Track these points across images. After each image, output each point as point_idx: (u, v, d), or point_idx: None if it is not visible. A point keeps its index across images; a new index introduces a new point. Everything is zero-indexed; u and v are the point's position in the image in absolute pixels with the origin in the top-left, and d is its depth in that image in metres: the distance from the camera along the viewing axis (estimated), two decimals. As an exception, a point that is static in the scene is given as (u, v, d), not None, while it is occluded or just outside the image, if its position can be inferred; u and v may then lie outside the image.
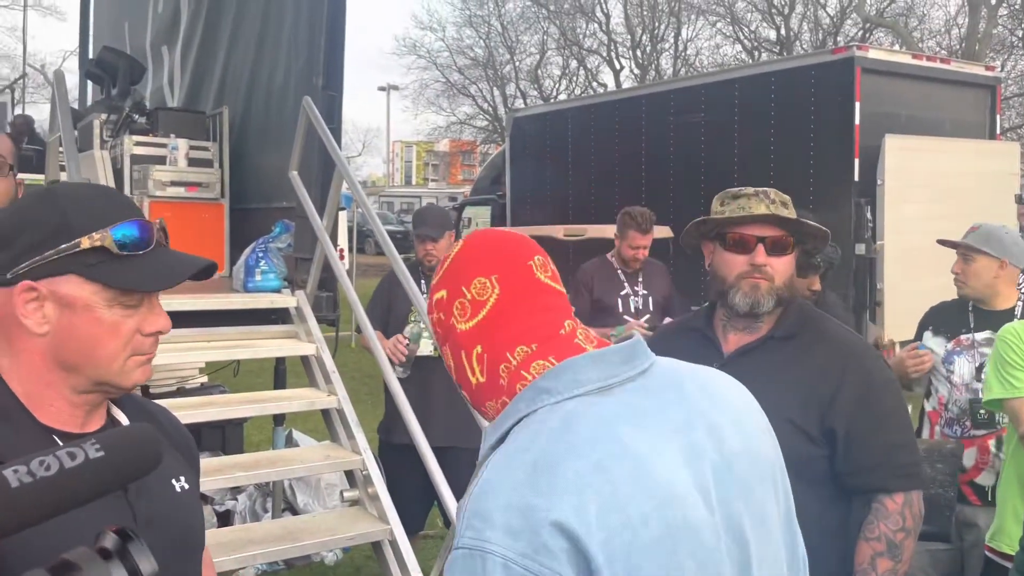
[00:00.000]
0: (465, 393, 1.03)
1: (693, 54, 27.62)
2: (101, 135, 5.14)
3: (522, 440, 0.90)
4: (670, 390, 0.97)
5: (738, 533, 0.93)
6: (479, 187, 12.85)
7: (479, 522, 0.83)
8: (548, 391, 0.93)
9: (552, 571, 0.80)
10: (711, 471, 0.93)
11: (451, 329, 1.02)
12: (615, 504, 0.84)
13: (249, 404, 3.48)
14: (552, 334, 0.98)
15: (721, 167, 7.33)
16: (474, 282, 1.01)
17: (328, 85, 3.92)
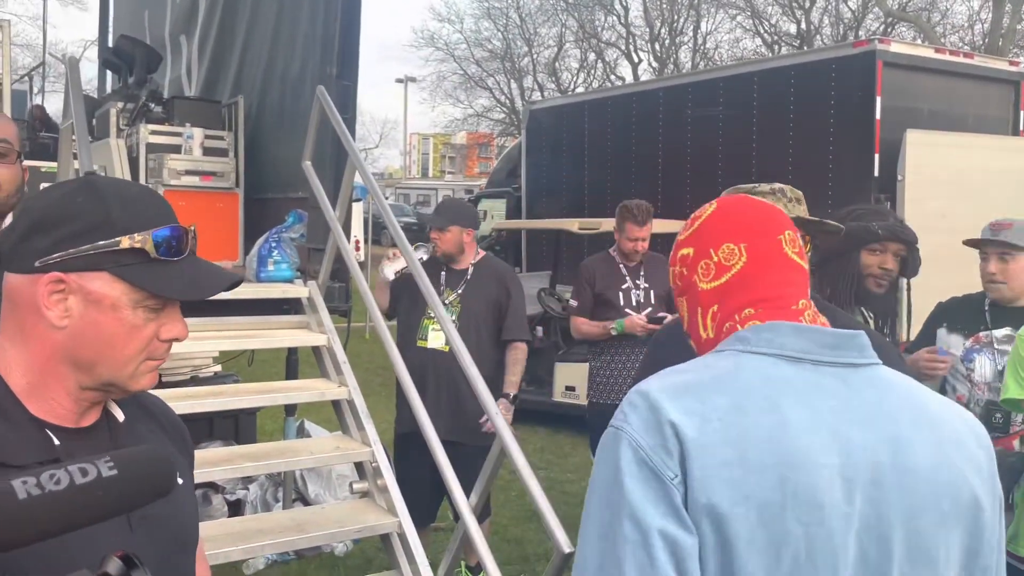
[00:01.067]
0: (693, 343, 1.11)
1: (712, 48, 27.44)
2: (117, 123, 5.15)
3: (695, 364, 1.02)
4: (870, 389, 0.99)
5: (883, 540, 0.93)
6: (495, 180, 12.82)
7: (629, 409, 0.95)
8: (743, 340, 1.01)
9: (666, 466, 0.91)
10: (871, 470, 0.94)
11: (692, 285, 1.09)
12: (735, 442, 0.91)
13: (260, 394, 3.48)
14: (784, 305, 1.04)
15: (739, 161, 7.25)
16: (723, 247, 1.07)
17: (343, 75, 3.90)
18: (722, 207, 1.10)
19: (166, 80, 6.49)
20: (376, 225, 15.23)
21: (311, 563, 4.22)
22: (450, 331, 2.82)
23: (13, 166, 1.65)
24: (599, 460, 0.96)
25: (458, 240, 3.73)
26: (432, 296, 2.95)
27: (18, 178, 1.67)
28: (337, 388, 3.34)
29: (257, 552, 2.93)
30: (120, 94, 5.50)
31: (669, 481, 0.90)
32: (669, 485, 0.90)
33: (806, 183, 7.21)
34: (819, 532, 0.90)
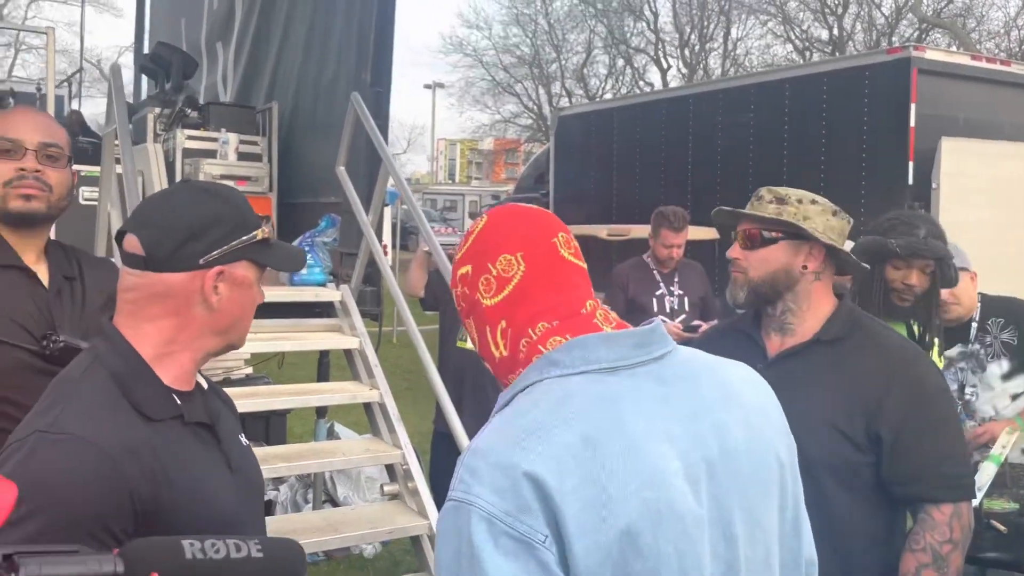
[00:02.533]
0: (489, 366, 1.07)
1: (743, 54, 27.30)
2: (154, 129, 5.25)
3: (522, 406, 0.94)
4: (682, 380, 0.98)
5: (727, 530, 0.93)
6: (522, 185, 12.84)
7: (469, 477, 0.87)
8: (556, 364, 0.96)
9: (532, 529, 0.83)
10: (706, 464, 0.93)
11: (476, 304, 1.05)
12: (596, 478, 0.85)
13: (292, 396, 3.52)
14: (573, 312, 1.01)
15: (770, 169, 7.21)
16: (499, 259, 1.03)
17: (376, 81, 3.95)
18: (492, 219, 1.07)
19: (202, 86, 6.60)
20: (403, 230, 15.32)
21: (340, 564, 4.26)
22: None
23: (64, 170, 1.70)
24: (444, 539, 0.86)
25: None
26: None
27: (69, 181, 1.72)
28: (369, 391, 3.37)
29: (289, 551, 2.96)
30: (157, 100, 5.61)
31: (540, 544, 0.82)
32: (540, 548, 0.82)
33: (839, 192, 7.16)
34: (684, 544, 0.88)
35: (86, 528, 1.01)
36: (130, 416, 1.13)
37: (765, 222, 1.71)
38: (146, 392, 1.17)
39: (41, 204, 1.65)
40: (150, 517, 1.07)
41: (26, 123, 1.66)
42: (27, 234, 1.67)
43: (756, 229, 1.72)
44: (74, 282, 1.72)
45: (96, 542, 1.01)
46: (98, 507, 1.03)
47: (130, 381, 1.16)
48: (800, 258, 1.71)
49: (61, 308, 1.66)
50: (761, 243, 1.71)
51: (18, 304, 1.61)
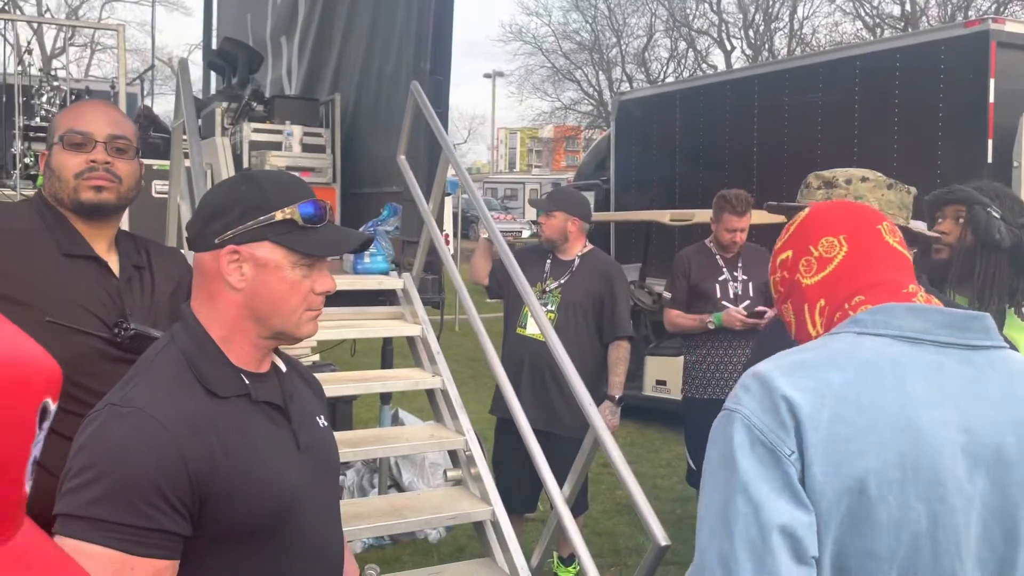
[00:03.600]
0: None
1: (809, 33, 26.50)
2: (222, 123, 5.38)
3: (810, 344, 1.01)
4: (994, 371, 0.97)
5: (1009, 523, 0.91)
6: (583, 172, 12.75)
7: (742, 392, 0.96)
8: (857, 322, 1.00)
9: (782, 442, 0.90)
10: (996, 449, 0.92)
11: (796, 284, 1.09)
12: (850, 419, 0.89)
13: (356, 382, 3.57)
14: (895, 289, 1.03)
15: (839, 151, 6.99)
16: (821, 241, 1.08)
17: (435, 70, 3.96)
18: (815, 209, 1.12)
19: (268, 80, 6.73)
20: (465, 220, 15.40)
21: (406, 548, 4.32)
22: (540, 318, 2.81)
23: (132, 161, 1.75)
24: (712, 443, 0.96)
25: (562, 227, 3.70)
26: (522, 283, 2.96)
27: (137, 173, 1.76)
28: (431, 377, 3.40)
29: (356, 535, 3.01)
30: (224, 94, 5.74)
31: (786, 457, 0.90)
32: (785, 461, 0.89)
33: (913, 172, 6.93)
34: (941, 508, 0.89)
35: (143, 495, 1.08)
36: (196, 392, 1.19)
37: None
38: (213, 370, 1.22)
39: (111, 195, 1.70)
40: (206, 488, 1.13)
41: (95, 116, 1.70)
42: (98, 224, 1.72)
43: None
44: (143, 271, 1.77)
45: (152, 508, 1.09)
46: (154, 476, 1.09)
47: (198, 360, 1.22)
48: None
49: (131, 296, 1.71)
50: None
51: (91, 293, 1.67)
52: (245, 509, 1.17)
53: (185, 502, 1.12)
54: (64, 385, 1.65)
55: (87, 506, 1.06)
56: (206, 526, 1.14)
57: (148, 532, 1.08)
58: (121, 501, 1.06)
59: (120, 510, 1.06)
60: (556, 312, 3.64)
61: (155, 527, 1.08)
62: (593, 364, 3.64)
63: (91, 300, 1.66)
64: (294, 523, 1.23)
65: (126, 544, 1.06)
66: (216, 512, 1.14)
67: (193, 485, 1.12)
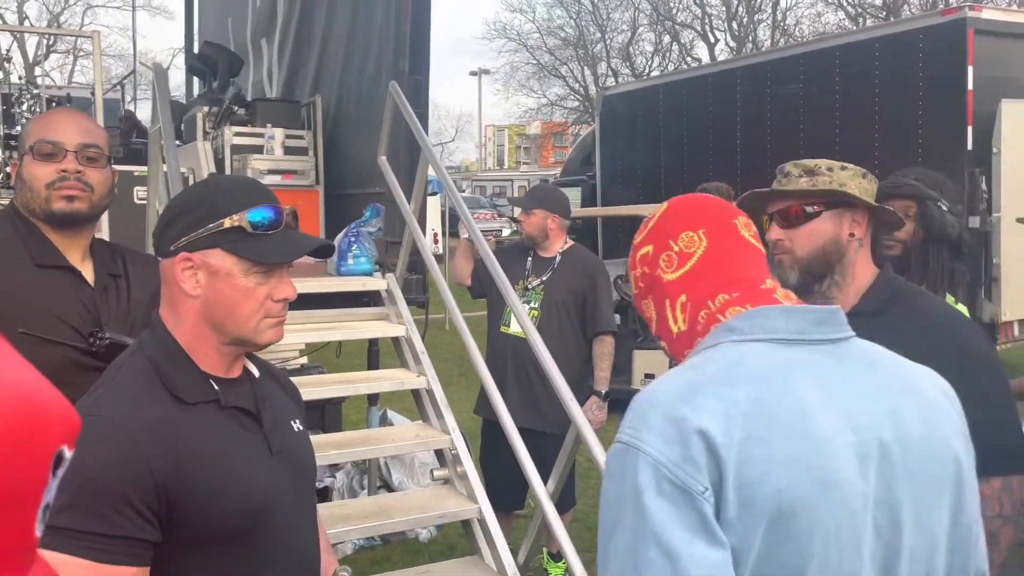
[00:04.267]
0: (664, 344, 1.09)
1: (792, 24, 26.58)
2: (204, 127, 5.36)
3: (695, 362, 0.98)
4: (861, 363, 0.98)
5: (894, 514, 0.93)
6: (569, 168, 12.77)
7: (639, 423, 0.90)
8: (734, 330, 0.98)
9: (694, 480, 0.86)
10: (879, 445, 0.93)
11: (657, 280, 1.08)
12: (761, 437, 0.87)
13: (340, 384, 3.58)
14: (753, 286, 1.03)
15: (821, 140, 7.03)
16: (681, 235, 1.07)
17: (414, 69, 3.95)
18: (673, 203, 1.11)
19: (249, 83, 6.70)
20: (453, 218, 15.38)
21: (396, 548, 4.33)
22: (521, 316, 2.82)
23: (104, 170, 1.74)
24: (611, 477, 0.91)
25: (542, 224, 3.72)
26: (503, 281, 2.96)
27: (109, 181, 1.76)
28: (416, 377, 3.41)
29: (342, 537, 3.02)
30: (205, 98, 5.72)
31: (699, 495, 0.85)
32: (699, 499, 0.85)
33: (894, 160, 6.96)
34: (843, 514, 0.89)
35: (109, 502, 1.09)
36: (163, 399, 1.20)
37: (807, 195, 1.64)
38: (180, 377, 1.23)
39: (83, 204, 1.69)
40: (173, 494, 1.14)
41: (65, 125, 1.70)
42: (71, 234, 1.72)
43: (797, 205, 1.64)
44: (119, 279, 1.77)
45: (118, 515, 1.09)
46: (120, 483, 1.10)
47: (165, 366, 1.23)
48: (845, 227, 1.65)
49: (107, 305, 1.71)
50: (805, 218, 1.64)
51: (65, 303, 1.67)
52: (215, 514, 1.17)
53: (152, 508, 1.12)
54: None
55: (53, 515, 1.06)
56: (176, 532, 1.15)
57: (115, 540, 1.09)
58: (87, 509, 1.07)
59: (86, 518, 1.07)
60: (539, 309, 3.66)
61: (122, 534, 1.09)
62: (578, 360, 3.66)
63: (65, 310, 1.66)
64: (267, 527, 1.24)
65: (94, 552, 1.07)
66: (186, 518, 1.15)
67: (160, 491, 1.13)
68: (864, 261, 1.69)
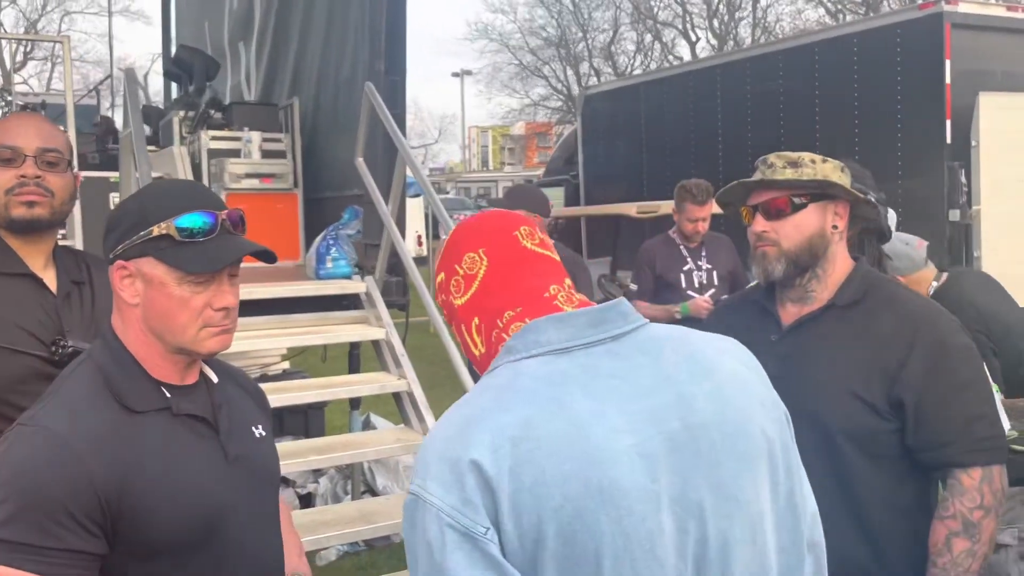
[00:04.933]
0: (476, 367, 1.07)
1: (773, 21, 26.72)
2: (180, 131, 5.31)
3: (470, 395, 0.96)
4: (643, 355, 0.96)
5: (693, 506, 0.90)
6: (552, 168, 12.76)
7: (422, 470, 0.89)
8: (510, 350, 0.97)
9: (474, 523, 0.84)
10: (666, 439, 0.91)
11: (452, 306, 1.07)
12: (531, 459, 0.86)
13: (320, 389, 3.55)
14: (536, 297, 1.01)
15: (802, 136, 7.04)
16: (464, 258, 1.06)
17: (390, 70, 3.93)
18: (459, 227, 1.10)
19: (227, 87, 6.65)
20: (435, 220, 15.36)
21: (381, 553, 4.29)
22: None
23: (65, 174, 1.71)
24: (408, 529, 0.90)
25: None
26: None
27: (71, 186, 1.72)
28: (397, 380, 3.38)
29: (324, 543, 2.99)
30: (182, 103, 5.67)
31: (481, 536, 0.84)
32: (482, 540, 0.84)
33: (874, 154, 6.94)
34: (629, 522, 0.86)
35: (49, 515, 1.07)
36: (110, 408, 1.17)
37: (796, 186, 1.61)
38: (130, 385, 1.20)
39: (44, 210, 1.65)
40: (117, 505, 1.12)
41: (24, 130, 1.66)
42: (32, 240, 1.68)
43: (783, 197, 1.62)
44: (83, 286, 1.73)
45: (59, 527, 1.07)
46: (60, 495, 1.08)
47: (115, 375, 1.21)
48: (829, 219, 1.64)
49: (70, 313, 1.67)
50: (792, 210, 1.62)
51: (27, 311, 1.63)
52: (165, 524, 1.15)
53: (96, 520, 1.10)
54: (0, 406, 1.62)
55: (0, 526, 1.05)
56: (124, 543, 1.13)
57: (57, 552, 1.07)
58: (28, 522, 1.06)
59: (28, 531, 1.06)
60: None
61: (63, 547, 1.07)
62: None
63: (26, 319, 1.62)
64: (223, 535, 1.21)
65: (38, 565, 1.06)
66: (134, 528, 1.13)
67: (103, 503, 1.11)
68: (843, 253, 1.68)
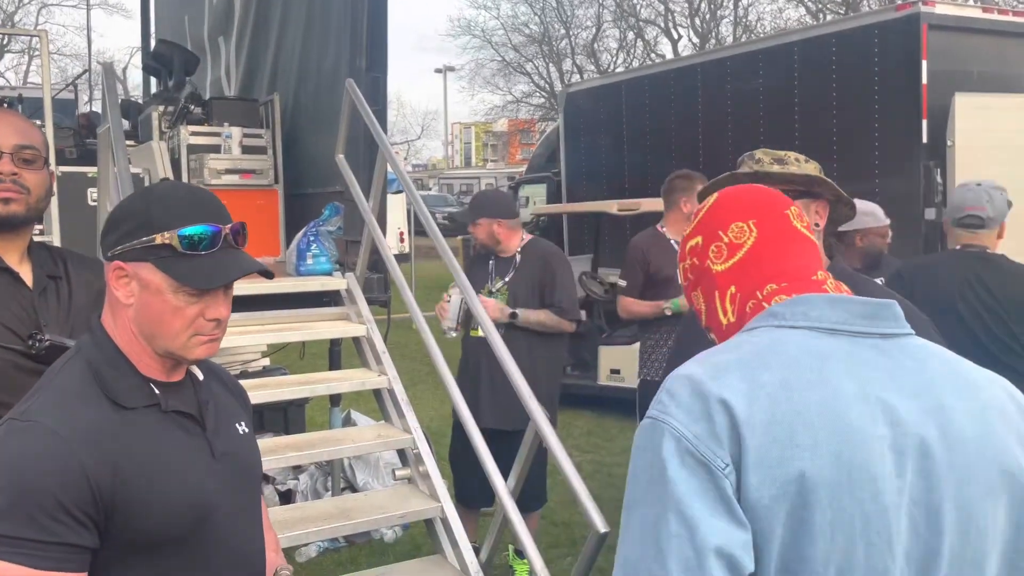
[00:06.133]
0: (714, 336, 1.08)
1: (754, 20, 26.83)
2: (160, 126, 5.27)
3: (730, 344, 0.97)
4: (910, 359, 0.96)
5: (934, 515, 0.90)
6: (534, 165, 12.79)
7: (667, 398, 0.91)
8: (775, 315, 0.98)
9: (715, 455, 0.86)
10: (920, 442, 0.90)
11: (706, 271, 1.08)
12: (786, 419, 0.87)
13: (300, 385, 3.54)
14: (805, 276, 1.02)
15: (781, 135, 7.10)
16: (731, 226, 1.06)
17: (372, 67, 3.93)
18: (723, 195, 1.11)
19: (207, 81, 6.60)
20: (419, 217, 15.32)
21: (362, 550, 4.29)
22: (481, 319, 2.83)
23: (41, 171, 1.70)
24: (637, 453, 0.91)
25: (489, 231, 3.73)
26: (463, 284, 2.97)
27: (46, 182, 1.72)
28: (377, 377, 3.38)
29: (302, 539, 2.99)
30: (161, 97, 5.62)
31: (720, 471, 0.85)
32: (719, 475, 0.85)
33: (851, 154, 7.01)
34: (873, 508, 0.87)
35: (43, 509, 1.08)
36: (100, 404, 1.18)
37: (789, 181, 1.61)
38: (119, 381, 1.22)
39: (20, 207, 1.65)
40: (110, 499, 1.13)
41: (1, 127, 1.65)
42: (8, 236, 1.67)
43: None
44: (59, 281, 1.73)
45: (53, 521, 1.08)
46: (54, 489, 1.09)
47: (104, 371, 1.22)
48: (812, 216, 1.66)
49: (46, 307, 1.67)
50: None
51: (3, 305, 1.62)
52: (155, 519, 1.17)
53: (89, 514, 1.11)
54: None
55: None
56: (115, 537, 1.14)
57: (51, 546, 1.08)
58: (22, 516, 1.07)
59: (22, 525, 1.06)
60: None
61: (57, 540, 1.08)
62: (545, 356, 3.65)
63: (3, 313, 1.61)
64: (209, 531, 1.23)
65: (31, 559, 1.06)
66: (125, 523, 1.14)
67: (96, 497, 1.12)
68: (821, 251, 1.71)
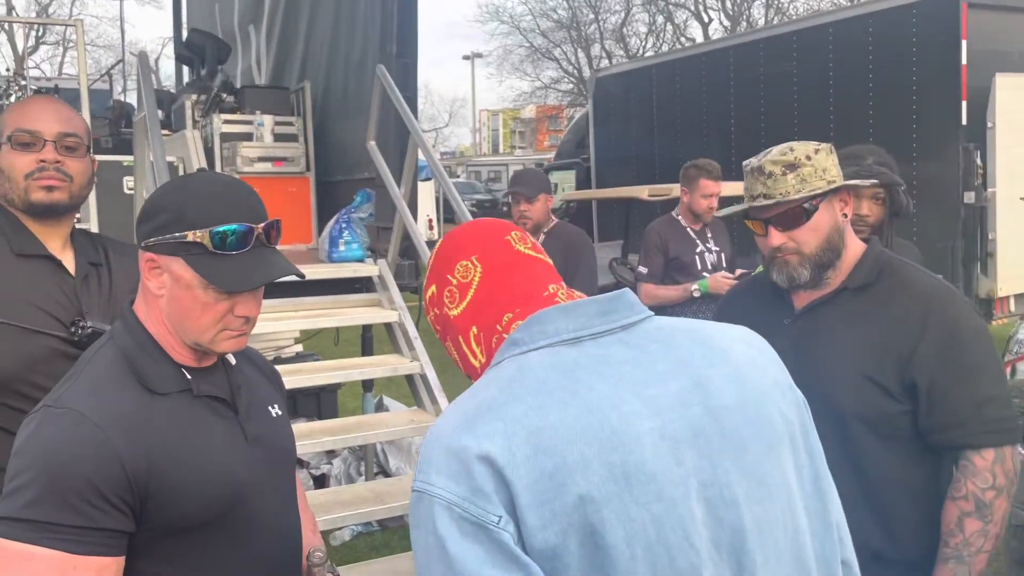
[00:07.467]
0: (474, 380, 1.02)
1: (787, 1, 26.41)
2: (193, 115, 5.32)
3: (476, 387, 0.93)
4: (654, 343, 0.95)
5: (725, 491, 0.89)
6: (563, 151, 12.73)
7: (426, 465, 0.87)
8: (516, 343, 0.94)
9: (485, 512, 0.82)
10: (688, 423, 0.89)
11: (446, 319, 1.04)
12: (549, 446, 0.83)
13: (335, 371, 3.57)
14: (535, 295, 1.00)
15: (816, 119, 7.00)
16: (457, 267, 1.03)
17: (402, 52, 3.92)
18: (446, 237, 1.08)
19: (238, 70, 6.65)
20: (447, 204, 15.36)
21: (395, 534, 4.33)
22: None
23: (84, 159, 1.72)
24: (415, 530, 0.88)
25: (546, 209, 3.71)
26: None
27: (89, 171, 1.74)
28: (409, 363, 3.40)
29: (337, 523, 3.02)
30: (194, 86, 5.68)
31: (494, 526, 0.82)
32: (495, 531, 0.82)
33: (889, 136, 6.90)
34: (660, 508, 0.84)
35: (80, 494, 1.08)
36: (133, 390, 1.19)
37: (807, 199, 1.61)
38: (152, 367, 1.22)
39: (63, 195, 1.67)
40: (145, 484, 1.14)
41: (44, 114, 1.67)
42: (51, 224, 1.69)
43: (796, 206, 1.61)
44: (100, 268, 1.75)
45: (90, 507, 1.09)
46: (90, 475, 1.09)
47: (137, 357, 1.23)
48: (837, 209, 1.65)
49: (88, 294, 1.69)
50: (805, 217, 1.62)
51: (46, 292, 1.65)
52: (190, 503, 1.17)
53: (125, 499, 1.12)
54: (21, 385, 1.64)
55: (25, 508, 1.07)
56: (151, 521, 1.15)
57: (88, 531, 1.08)
58: (58, 502, 1.07)
59: (58, 511, 1.07)
60: None
61: (94, 526, 1.09)
62: None
63: (46, 299, 1.64)
64: (244, 514, 1.23)
65: (67, 544, 1.07)
66: (160, 507, 1.15)
67: (132, 482, 1.12)
68: (852, 236, 1.69)
